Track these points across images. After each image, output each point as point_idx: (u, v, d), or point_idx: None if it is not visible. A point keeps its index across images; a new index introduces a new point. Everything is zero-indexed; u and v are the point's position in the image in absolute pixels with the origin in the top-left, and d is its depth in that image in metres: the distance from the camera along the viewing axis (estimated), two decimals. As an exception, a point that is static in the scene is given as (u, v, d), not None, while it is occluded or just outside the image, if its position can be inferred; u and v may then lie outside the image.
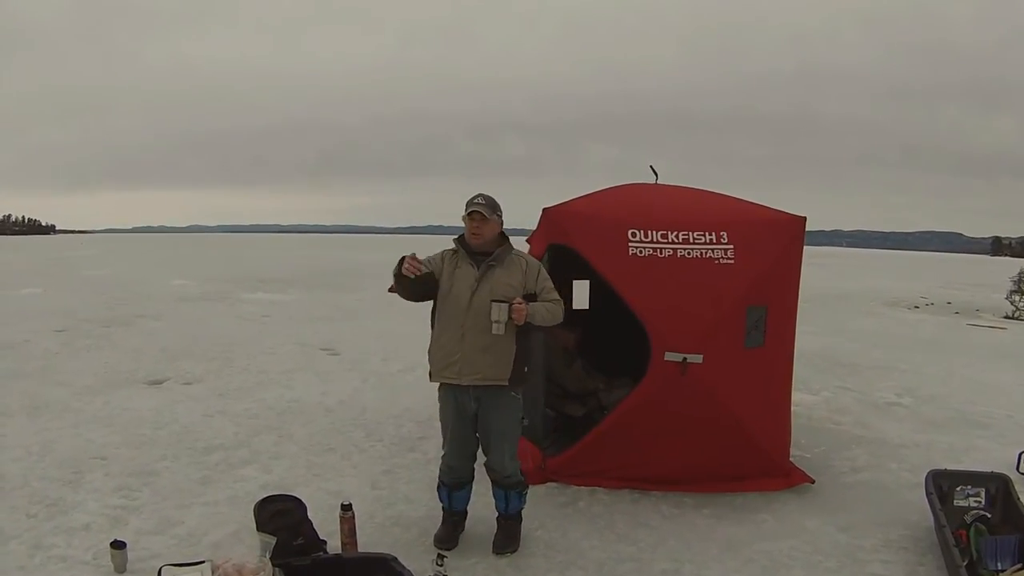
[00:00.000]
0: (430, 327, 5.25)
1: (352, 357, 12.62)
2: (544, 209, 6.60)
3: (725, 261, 6.08)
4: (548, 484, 6.46)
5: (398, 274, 4.91)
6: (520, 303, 4.90)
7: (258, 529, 5.03)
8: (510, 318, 4.89)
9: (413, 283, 4.94)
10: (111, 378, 10.65)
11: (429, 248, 5.33)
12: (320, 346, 13.67)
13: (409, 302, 5.27)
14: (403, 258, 4.89)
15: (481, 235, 5.05)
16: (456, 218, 5.19)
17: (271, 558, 4.70)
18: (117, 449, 7.43)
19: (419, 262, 4.88)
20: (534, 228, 6.97)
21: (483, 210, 5.00)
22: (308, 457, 7.34)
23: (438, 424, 5.47)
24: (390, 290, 5.26)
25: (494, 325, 4.90)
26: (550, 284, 5.23)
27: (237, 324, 16.77)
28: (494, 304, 4.90)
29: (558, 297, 5.23)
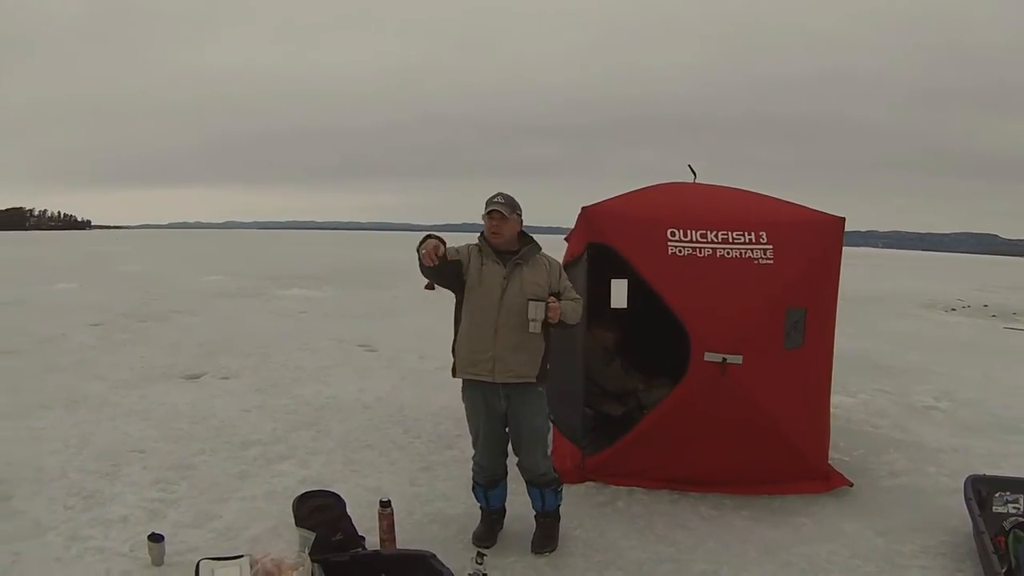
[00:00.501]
0: (454, 320, 5.24)
1: (389, 354, 12.64)
2: (583, 208, 6.58)
3: (764, 261, 6.03)
4: (587, 483, 6.44)
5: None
6: (555, 302, 4.94)
7: (297, 524, 5.06)
8: (546, 316, 4.91)
9: (440, 268, 4.90)
10: (148, 372, 10.75)
11: (461, 241, 5.31)
12: (357, 343, 13.72)
13: (442, 294, 5.24)
14: (427, 237, 4.87)
15: (500, 234, 5.07)
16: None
17: (310, 553, 4.72)
18: (155, 443, 7.50)
19: (438, 253, 4.79)
20: (555, 227, 6.95)
21: (502, 209, 5.02)
22: (346, 453, 7.37)
23: (474, 422, 5.47)
24: (427, 287, 5.25)
25: (531, 323, 4.91)
26: (570, 283, 5.30)
27: (273, 320, 16.87)
28: (531, 303, 4.92)
29: (578, 296, 5.31)
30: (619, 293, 8.47)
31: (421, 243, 4.84)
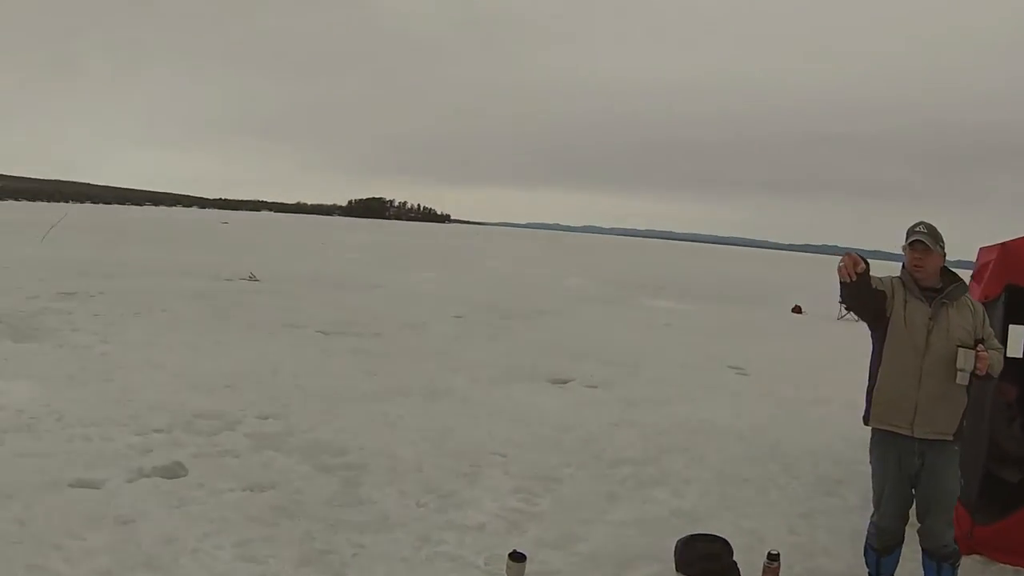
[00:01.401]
0: (871, 362, 4.89)
1: (762, 380, 12.09)
2: (1003, 244, 6.06)
3: None
4: (972, 556, 5.79)
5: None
6: (984, 351, 4.61)
7: (679, 569, 4.82)
8: (974, 367, 4.55)
9: (859, 289, 4.59)
10: (512, 371, 10.88)
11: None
12: (728, 363, 13.27)
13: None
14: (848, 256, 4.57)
15: (923, 267, 4.79)
16: (848, 240, 4.68)
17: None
18: (518, 448, 7.40)
19: (857, 269, 4.48)
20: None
21: (926, 240, 4.75)
22: (722, 486, 6.92)
23: (858, 467, 5.10)
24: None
25: (958, 374, 4.55)
26: (991, 330, 4.97)
27: (640, 330, 16.83)
28: (961, 350, 4.57)
29: (1000, 345, 5.01)
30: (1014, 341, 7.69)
31: (842, 260, 4.57)
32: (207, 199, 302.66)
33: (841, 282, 4.53)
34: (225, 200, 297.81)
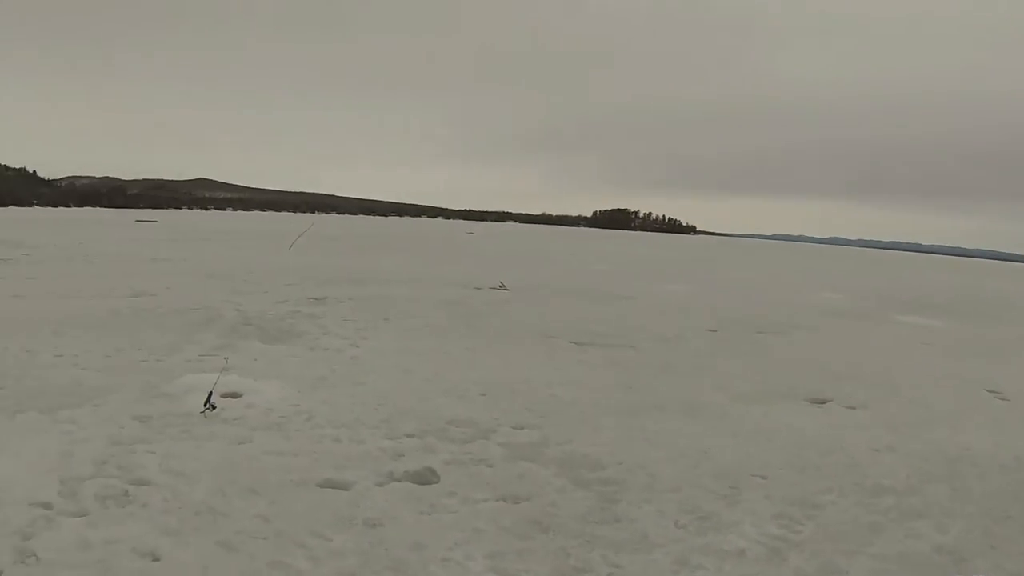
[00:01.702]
0: None
1: (1022, 405, 11.32)
2: None
3: None
4: None
5: None
6: None
7: None
8: None
9: None
10: (768, 389, 10.65)
11: None
12: (985, 386, 12.45)
13: None
14: None
15: None
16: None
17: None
18: (779, 470, 7.22)
19: None
20: None
21: None
22: (986, 521, 6.50)
23: None
24: None
25: None
26: None
27: (896, 348, 16.10)
28: None
29: None
30: None
31: None
32: (452, 210, 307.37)
33: None
34: (470, 211, 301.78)
